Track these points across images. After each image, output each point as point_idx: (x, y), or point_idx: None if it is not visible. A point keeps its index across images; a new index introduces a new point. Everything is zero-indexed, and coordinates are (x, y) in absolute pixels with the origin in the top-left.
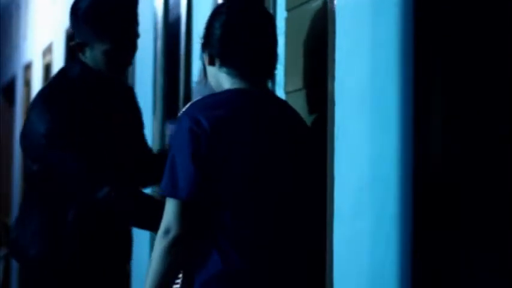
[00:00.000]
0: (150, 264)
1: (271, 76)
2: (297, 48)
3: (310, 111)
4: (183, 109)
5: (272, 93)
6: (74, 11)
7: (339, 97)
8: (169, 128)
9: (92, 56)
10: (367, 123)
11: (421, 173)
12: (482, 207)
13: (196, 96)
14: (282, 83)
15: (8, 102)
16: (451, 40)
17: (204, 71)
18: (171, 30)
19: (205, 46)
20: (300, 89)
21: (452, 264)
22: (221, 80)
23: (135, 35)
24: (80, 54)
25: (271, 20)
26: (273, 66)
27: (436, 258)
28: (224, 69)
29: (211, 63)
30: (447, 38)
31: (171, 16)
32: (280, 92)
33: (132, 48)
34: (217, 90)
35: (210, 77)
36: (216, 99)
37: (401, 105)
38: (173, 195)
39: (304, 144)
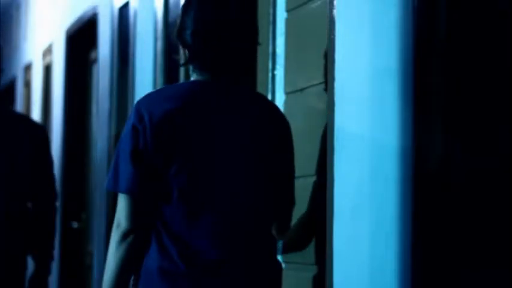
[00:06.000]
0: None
1: (242, 72)
2: (296, 48)
3: (310, 111)
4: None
5: (242, 87)
6: None
7: (339, 97)
8: None
9: None
10: (367, 123)
11: (420, 173)
12: (482, 207)
13: None
14: (282, 84)
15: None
16: (451, 40)
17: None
18: (171, 30)
19: (181, 43)
20: (299, 90)
21: (452, 264)
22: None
23: None
24: None
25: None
26: (242, 63)
27: (436, 258)
28: (192, 65)
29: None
30: (447, 38)
31: (171, 16)
32: (280, 93)
33: None
34: None
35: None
36: (170, 91)
37: (401, 106)
38: (114, 190)
39: (268, 135)
